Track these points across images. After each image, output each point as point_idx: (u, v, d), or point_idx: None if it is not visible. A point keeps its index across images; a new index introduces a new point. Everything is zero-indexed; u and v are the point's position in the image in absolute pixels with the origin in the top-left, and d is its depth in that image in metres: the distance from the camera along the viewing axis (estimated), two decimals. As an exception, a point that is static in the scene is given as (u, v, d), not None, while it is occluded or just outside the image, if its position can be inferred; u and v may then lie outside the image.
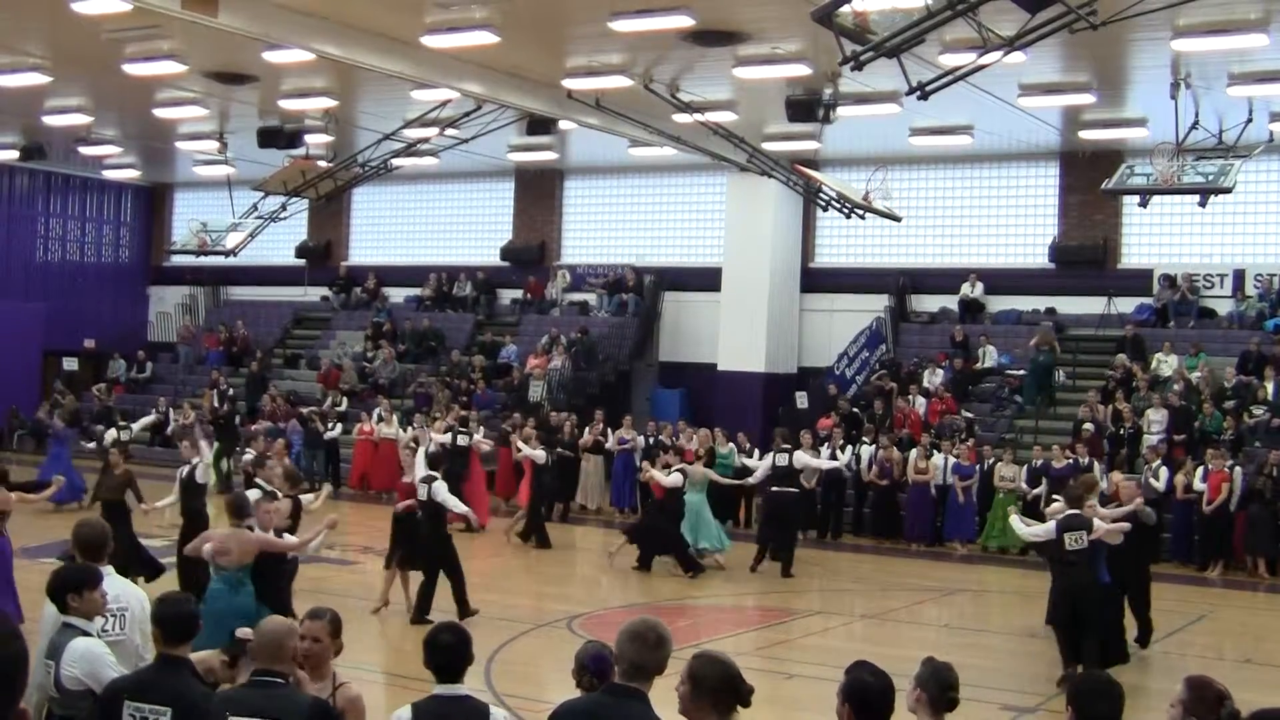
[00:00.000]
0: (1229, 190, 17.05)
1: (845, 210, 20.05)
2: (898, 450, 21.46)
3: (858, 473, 21.70)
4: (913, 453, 21.27)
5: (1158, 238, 24.93)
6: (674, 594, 16.26)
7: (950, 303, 26.40)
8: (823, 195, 21.20)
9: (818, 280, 27.44)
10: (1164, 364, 22.82)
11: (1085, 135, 23.23)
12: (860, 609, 16.28)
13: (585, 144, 26.64)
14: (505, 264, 30.79)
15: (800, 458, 18.10)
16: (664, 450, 19.35)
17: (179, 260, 31.33)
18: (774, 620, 15.06)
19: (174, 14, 15.50)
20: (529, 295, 30.35)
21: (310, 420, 25.36)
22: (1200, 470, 19.21)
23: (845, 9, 11.68)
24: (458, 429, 21.20)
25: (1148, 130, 21.42)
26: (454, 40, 17.28)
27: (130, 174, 34.30)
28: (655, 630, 4.64)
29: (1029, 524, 13.15)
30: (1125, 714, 4.68)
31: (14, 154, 30.16)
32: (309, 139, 24.24)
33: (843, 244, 27.44)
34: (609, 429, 23.41)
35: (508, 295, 30.90)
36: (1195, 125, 17.54)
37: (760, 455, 20.59)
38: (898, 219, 20.60)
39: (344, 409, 26.76)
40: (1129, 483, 14.28)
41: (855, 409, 23.70)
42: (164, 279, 35.48)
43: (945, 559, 20.15)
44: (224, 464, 20.69)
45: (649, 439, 22.32)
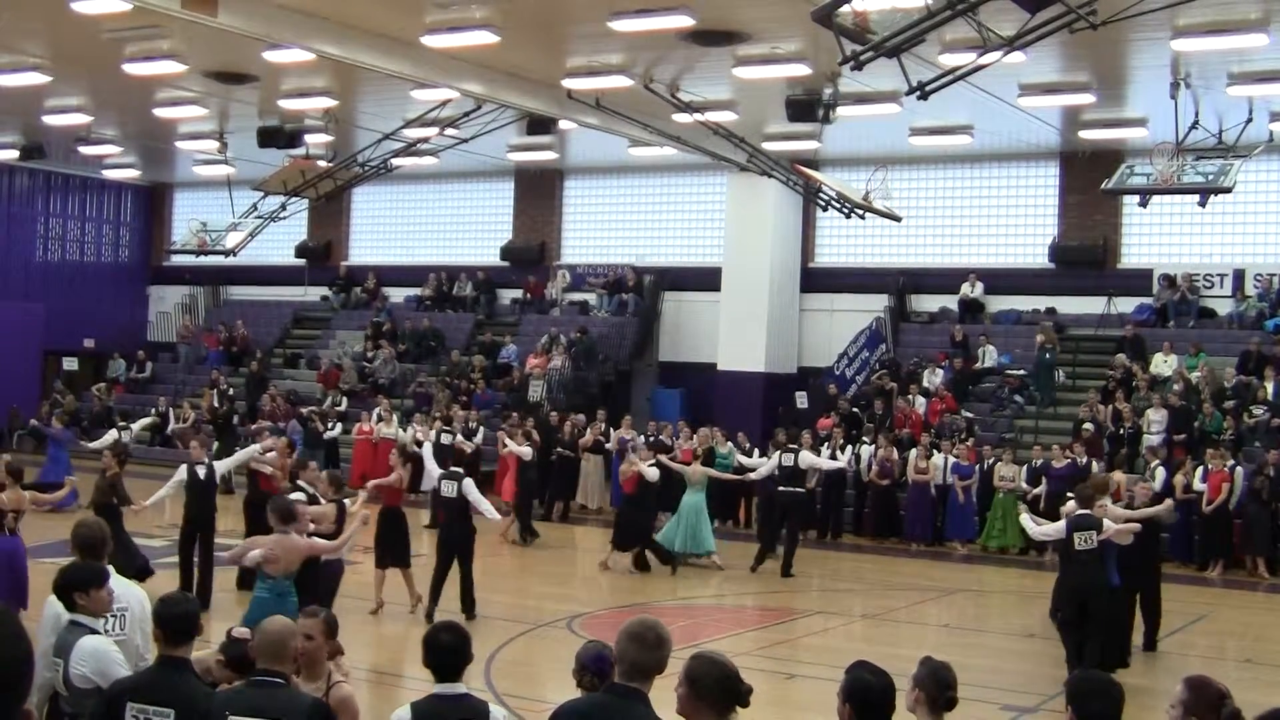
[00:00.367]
0: (1229, 190, 17.06)
1: (845, 210, 20.06)
2: (897, 450, 21.48)
3: (858, 473, 21.71)
4: (913, 453, 21.27)
5: (1158, 238, 24.92)
6: (674, 594, 16.26)
7: (950, 303, 26.40)
8: (823, 195, 21.19)
9: (818, 280, 27.43)
10: (1164, 364, 22.82)
11: (1085, 135, 23.23)
12: (860, 609, 16.27)
13: (585, 144, 26.64)
14: (505, 264, 30.79)
15: (806, 458, 18.11)
16: (636, 449, 19.35)
17: (179, 260, 31.33)
18: (774, 620, 15.06)
19: (174, 14, 15.51)
20: (529, 295, 30.34)
21: (310, 420, 25.34)
22: (1200, 470, 19.22)
23: (845, 9, 11.68)
24: (442, 428, 21.28)
25: (1148, 130, 21.43)
26: (454, 40, 17.28)
27: (130, 174, 34.30)
28: (654, 630, 4.63)
29: (1040, 523, 13.19)
30: (1125, 714, 4.67)
31: (14, 154, 30.16)
32: (309, 139, 24.24)
33: (843, 244, 27.44)
34: (609, 429, 23.41)
35: (508, 295, 30.90)
36: (1195, 125, 17.56)
37: (759, 455, 20.62)
38: (898, 219, 20.60)
39: (344, 409, 26.77)
40: (1144, 485, 14.46)
41: (855, 409, 23.71)
42: (164, 279, 35.47)
43: (945, 559, 20.16)
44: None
45: (649, 439, 22.29)
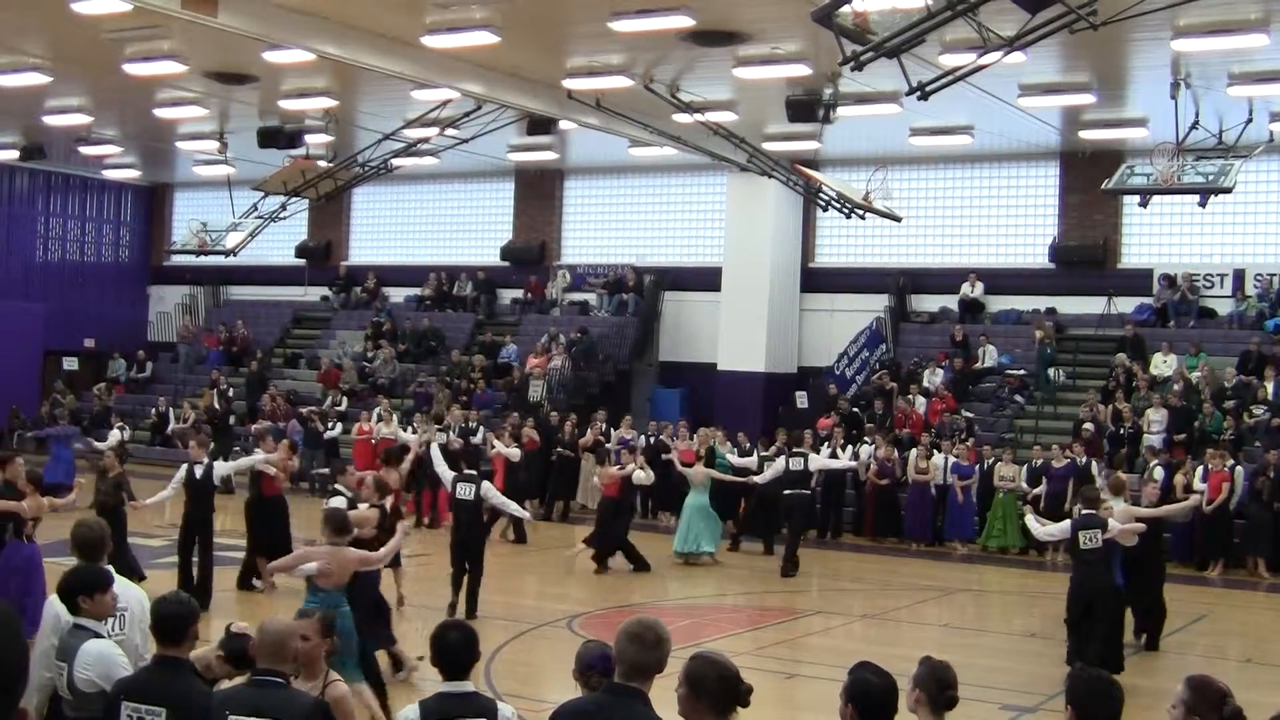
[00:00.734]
0: (1229, 190, 17.04)
1: (845, 210, 20.05)
2: (898, 450, 21.48)
3: (858, 472, 21.71)
4: (913, 453, 21.27)
5: (1158, 238, 24.91)
6: (674, 594, 16.25)
7: (950, 303, 26.39)
8: (823, 195, 21.18)
9: (818, 280, 27.42)
10: (1164, 364, 22.82)
11: (1085, 135, 23.22)
12: (860, 609, 16.26)
13: (585, 144, 26.63)
14: (505, 264, 30.78)
15: (817, 461, 18.18)
16: (627, 451, 19.33)
17: (179, 260, 31.30)
18: (774, 620, 15.05)
19: (174, 14, 15.51)
20: (529, 295, 30.33)
21: (310, 420, 25.34)
22: (1200, 470, 19.22)
23: (845, 9, 11.68)
24: (435, 429, 21.32)
25: (1148, 130, 21.43)
26: (454, 40, 17.27)
27: (130, 174, 34.28)
28: (654, 630, 4.63)
29: (1044, 524, 13.26)
30: (1125, 714, 4.67)
31: (14, 154, 30.16)
32: (309, 139, 24.23)
33: (843, 244, 27.43)
34: (609, 428, 23.40)
35: (508, 295, 30.88)
36: (1195, 125, 17.54)
37: (757, 455, 20.59)
38: (898, 219, 20.59)
39: (344, 409, 26.76)
40: (1153, 485, 14.65)
41: (855, 409, 23.71)
42: (164, 279, 35.44)
43: (945, 559, 20.16)
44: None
45: (649, 439, 22.30)
